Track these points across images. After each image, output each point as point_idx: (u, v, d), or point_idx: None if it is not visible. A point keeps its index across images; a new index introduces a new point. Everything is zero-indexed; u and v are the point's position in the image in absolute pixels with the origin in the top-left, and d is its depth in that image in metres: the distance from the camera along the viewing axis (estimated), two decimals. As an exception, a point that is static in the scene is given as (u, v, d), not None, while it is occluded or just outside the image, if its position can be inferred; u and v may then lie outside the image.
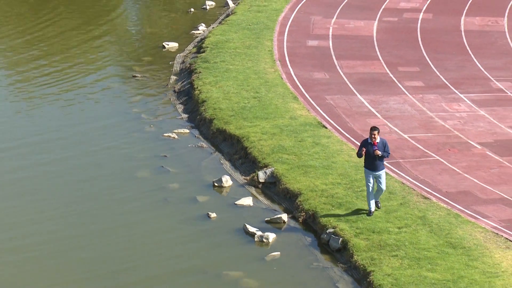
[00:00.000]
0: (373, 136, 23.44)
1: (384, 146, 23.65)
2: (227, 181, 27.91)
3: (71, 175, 28.67)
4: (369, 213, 24.10)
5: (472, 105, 32.16)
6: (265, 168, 28.13)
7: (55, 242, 24.86)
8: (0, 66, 38.39)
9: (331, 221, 24.98)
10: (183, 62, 37.69)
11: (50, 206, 26.73)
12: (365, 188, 25.78)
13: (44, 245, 24.71)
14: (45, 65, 38.32)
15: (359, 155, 23.88)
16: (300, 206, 26.11)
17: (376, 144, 23.37)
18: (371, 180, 23.80)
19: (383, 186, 23.98)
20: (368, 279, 22.55)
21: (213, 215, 26.02)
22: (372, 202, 24.15)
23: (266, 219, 25.87)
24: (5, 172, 28.58)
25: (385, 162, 25.53)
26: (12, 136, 31.55)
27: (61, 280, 23.11)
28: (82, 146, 30.69)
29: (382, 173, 23.80)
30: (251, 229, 25.14)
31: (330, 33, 39.41)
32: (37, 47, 40.38)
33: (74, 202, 26.97)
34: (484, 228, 24.14)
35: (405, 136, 29.72)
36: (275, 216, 25.93)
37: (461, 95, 32.95)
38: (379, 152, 23.32)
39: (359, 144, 28.77)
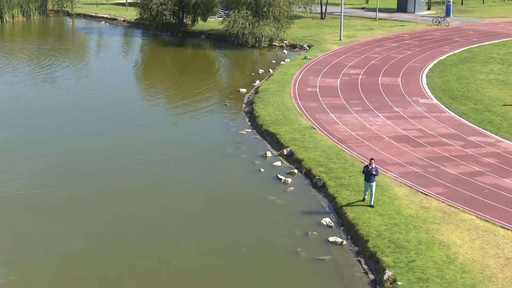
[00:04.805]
0: (371, 163, 21.65)
1: (376, 169, 21.70)
2: (269, 154, 28.02)
3: (196, 153, 28.82)
4: (363, 199, 22.05)
5: (384, 119, 32.06)
6: (286, 148, 28.20)
7: (178, 178, 25.26)
8: (162, 99, 38.75)
9: (317, 173, 25.15)
10: (248, 98, 37.80)
11: (184, 166, 27.09)
12: (337, 157, 25.95)
13: (177, 178, 25.17)
14: (183, 101, 38.55)
15: (364, 172, 21.83)
16: (303, 166, 26.25)
17: (372, 167, 21.56)
18: (368, 187, 21.82)
19: (373, 190, 21.79)
20: (335, 200, 22.77)
21: (262, 170, 26.16)
22: (367, 195, 21.98)
23: (287, 172, 25.99)
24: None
25: (354, 154, 25.58)
26: (175, 136, 31.71)
27: (177, 198, 23.44)
28: (200, 138, 30.78)
29: (374, 183, 21.74)
30: (280, 176, 25.32)
31: (317, 85, 39.39)
32: (177, 90, 40.60)
33: (193, 163, 27.23)
34: (390, 177, 24.28)
35: (353, 133, 29.65)
36: (291, 170, 26.06)
37: (379, 114, 32.85)
38: (374, 172, 21.56)
39: (334, 139, 28.93)
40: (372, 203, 21.83)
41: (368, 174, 21.61)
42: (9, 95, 38.22)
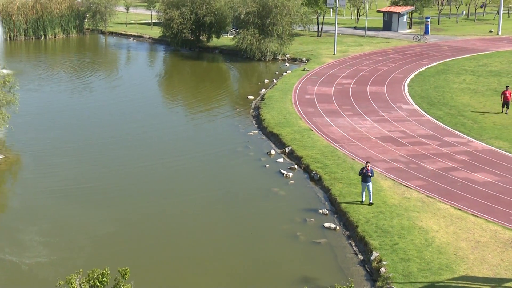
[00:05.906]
0: (367, 165, 21.11)
1: (371, 171, 21.10)
2: (273, 151, 27.96)
3: (211, 151, 28.72)
4: (361, 202, 20.99)
5: (372, 122, 31.96)
6: (288, 146, 28.15)
7: (198, 170, 25.23)
8: (182, 106, 38.72)
9: (314, 168, 25.09)
10: (255, 104, 37.69)
11: (200, 162, 27.03)
12: (332, 155, 25.84)
13: (198, 178, 25.06)
14: (200, 107, 38.46)
15: (360, 174, 21.07)
16: (302, 162, 26.18)
17: (368, 169, 21.02)
18: (364, 187, 21.07)
19: (370, 189, 21.03)
20: (330, 192, 22.71)
21: (267, 165, 26.13)
22: (364, 196, 20.85)
23: (288, 167, 25.92)
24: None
25: (346, 152, 25.43)
26: (198, 137, 31.66)
27: (194, 190, 23.40)
28: (215, 139, 30.71)
29: (370, 183, 21.02)
30: (283, 171, 25.27)
31: (315, 93, 39.29)
32: (195, 98, 40.54)
33: (209, 160, 27.16)
34: (376, 172, 24.17)
35: (345, 134, 29.59)
36: (292, 166, 25.99)
37: (367, 118, 32.75)
38: (370, 174, 20.98)
39: (329, 139, 28.86)
40: (371, 201, 20.96)
41: (364, 176, 21.22)
42: (55, 102, 38.29)
